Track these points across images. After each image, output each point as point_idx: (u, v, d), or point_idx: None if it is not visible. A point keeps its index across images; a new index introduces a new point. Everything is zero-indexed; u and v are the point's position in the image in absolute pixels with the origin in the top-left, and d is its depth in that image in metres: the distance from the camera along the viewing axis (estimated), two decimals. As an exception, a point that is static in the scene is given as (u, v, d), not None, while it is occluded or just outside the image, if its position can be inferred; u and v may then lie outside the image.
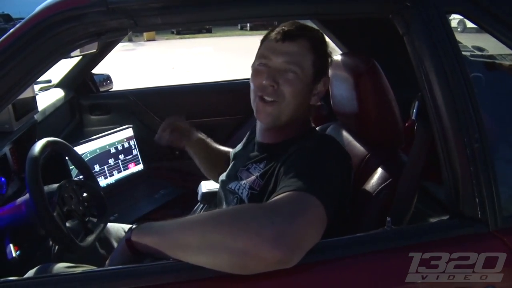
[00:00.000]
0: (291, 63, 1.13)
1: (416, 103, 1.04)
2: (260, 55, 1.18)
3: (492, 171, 0.91)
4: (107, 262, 1.01)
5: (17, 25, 0.89)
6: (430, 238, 0.92)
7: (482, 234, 0.91)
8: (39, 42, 0.86)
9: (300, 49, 1.14)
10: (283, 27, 1.16)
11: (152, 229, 0.91)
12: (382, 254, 0.91)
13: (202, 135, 1.55)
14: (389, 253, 0.91)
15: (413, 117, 1.06)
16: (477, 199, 0.92)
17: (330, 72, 1.38)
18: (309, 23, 1.98)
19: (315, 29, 1.21)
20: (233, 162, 1.37)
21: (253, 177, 1.17)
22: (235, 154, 1.41)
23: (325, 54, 1.21)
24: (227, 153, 1.56)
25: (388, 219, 0.94)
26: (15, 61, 0.86)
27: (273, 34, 1.17)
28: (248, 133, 1.42)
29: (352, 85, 1.21)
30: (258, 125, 1.27)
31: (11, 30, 0.89)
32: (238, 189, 1.20)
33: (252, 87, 1.19)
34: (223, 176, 1.33)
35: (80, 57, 2.42)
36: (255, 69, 1.18)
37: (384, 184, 1.10)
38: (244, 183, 1.19)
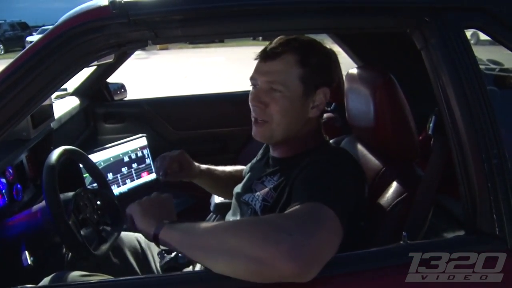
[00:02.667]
0: (274, 82, 1.13)
1: (433, 117, 1.04)
2: (250, 76, 1.19)
3: (511, 187, 0.90)
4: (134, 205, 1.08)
5: (41, 36, 0.91)
6: (447, 253, 0.91)
7: (500, 251, 0.90)
8: (61, 53, 0.88)
9: (283, 66, 1.13)
10: (267, 45, 1.16)
11: (179, 227, 0.95)
12: (398, 269, 0.90)
13: (204, 167, 1.53)
14: (405, 268, 0.90)
15: (429, 132, 1.05)
16: (495, 216, 0.90)
17: (345, 85, 1.39)
18: (323, 36, 2.00)
19: (305, 40, 1.17)
20: (248, 174, 1.37)
21: (266, 189, 1.18)
22: (251, 167, 1.42)
23: (319, 64, 1.15)
24: (236, 173, 1.57)
25: (404, 233, 0.93)
26: (39, 70, 0.88)
27: (259, 54, 1.17)
28: (263, 146, 1.42)
29: (368, 98, 1.21)
30: None
31: (34, 41, 0.91)
32: (252, 201, 1.20)
33: None
34: (238, 188, 1.34)
35: (96, 66, 2.46)
36: (250, 91, 1.20)
37: (399, 198, 1.09)
38: (257, 195, 1.19)
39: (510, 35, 0.95)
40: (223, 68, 12.19)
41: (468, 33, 1.00)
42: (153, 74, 11.49)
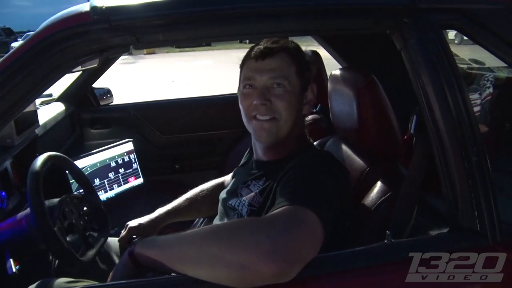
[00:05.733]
0: (277, 78, 1.14)
1: (414, 117, 1.05)
2: (244, 78, 1.19)
3: (490, 184, 0.92)
4: (110, 274, 1.02)
5: (22, 42, 0.91)
6: (431, 251, 0.92)
7: (482, 247, 0.92)
8: (43, 59, 0.88)
9: (282, 63, 1.15)
10: (259, 46, 1.17)
11: (154, 243, 0.93)
12: (381, 268, 0.91)
13: (164, 212, 1.49)
14: (389, 265, 0.91)
15: (411, 131, 1.06)
16: (476, 212, 0.92)
17: (329, 86, 1.40)
18: (307, 38, 2.02)
19: (290, 41, 1.22)
20: (233, 179, 1.37)
21: (252, 194, 1.18)
22: (235, 172, 1.42)
23: (305, 62, 1.21)
24: (214, 190, 1.55)
25: (388, 232, 0.94)
26: (20, 76, 0.87)
27: (251, 55, 1.18)
28: (246, 152, 1.43)
29: (351, 99, 1.23)
30: (256, 144, 1.28)
31: (16, 47, 0.91)
32: (238, 206, 1.20)
33: (243, 110, 1.20)
34: (223, 193, 1.34)
35: (81, 71, 2.44)
36: (242, 92, 1.19)
37: (383, 198, 1.11)
38: (244, 200, 1.19)
39: (485, 35, 0.97)
40: (210, 72, 12.17)
41: (452, 33, 1.01)
42: (140, 79, 11.43)
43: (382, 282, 0.91)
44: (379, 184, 1.16)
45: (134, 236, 1.39)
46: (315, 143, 1.36)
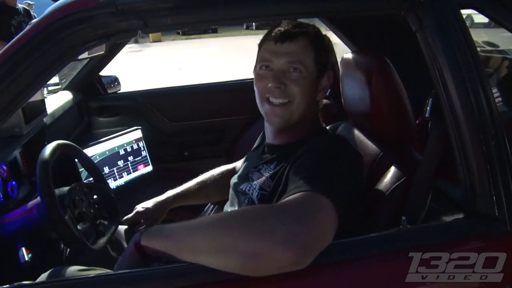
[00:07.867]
0: (294, 63, 1.13)
1: (430, 100, 1.03)
2: (261, 59, 1.18)
3: (510, 169, 0.89)
4: (116, 265, 1.01)
5: (26, 28, 0.89)
6: (447, 237, 0.90)
7: (500, 233, 0.90)
8: (48, 45, 0.86)
9: (300, 48, 1.14)
10: (280, 28, 1.16)
11: (162, 233, 0.91)
12: (397, 254, 0.90)
13: (174, 194, 1.50)
14: (405, 252, 0.89)
15: (427, 115, 1.04)
16: (494, 198, 0.90)
17: (340, 70, 1.37)
18: (316, 21, 1.98)
19: (311, 25, 1.20)
20: (244, 164, 1.36)
21: (263, 178, 1.17)
22: (247, 156, 1.41)
23: (325, 48, 1.20)
24: (224, 175, 1.55)
25: (404, 218, 0.92)
26: (25, 64, 0.85)
27: (271, 36, 1.16)
28: (260, 136, 1.41)
29: (363, 83, 1.20)
30: (267, 127, 1.27)
31: (20, 33, 0.89)
32: (249, 190, 1.19)
33: (257, 91, 1.19)
34: (234, 178, 1.33)
35: (88, 59, 2.43)
36: (258, 73, 1.18)
37: (397, 183, 1.08)
38: (254, 184, 1.18)
39: (506, 14, 0.94)
40: (217, 59, 12.12)
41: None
42: (147, 67, 11.42)
43: (398, 267, 0.89)
44: (392, 169, 1.13)
45: (141, 227, 1.39)
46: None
